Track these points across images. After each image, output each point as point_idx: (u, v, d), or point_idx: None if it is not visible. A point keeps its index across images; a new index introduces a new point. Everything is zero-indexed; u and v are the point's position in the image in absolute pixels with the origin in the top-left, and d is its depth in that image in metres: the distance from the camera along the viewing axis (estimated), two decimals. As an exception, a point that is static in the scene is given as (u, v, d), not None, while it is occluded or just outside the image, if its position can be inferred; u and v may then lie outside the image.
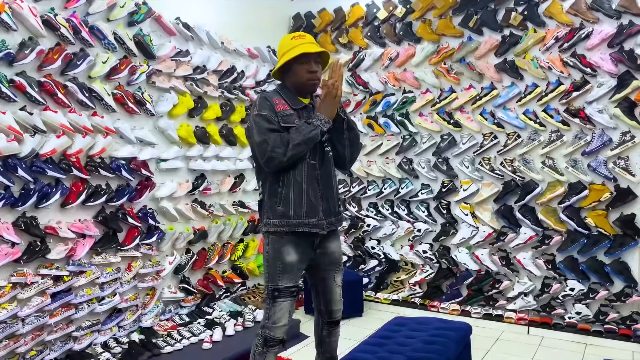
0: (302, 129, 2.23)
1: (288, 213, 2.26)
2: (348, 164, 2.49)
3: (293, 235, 2.26)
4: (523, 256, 4.17)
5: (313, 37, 5.11)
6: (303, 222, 2.26)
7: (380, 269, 4.83)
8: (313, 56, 2.30)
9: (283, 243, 2.26)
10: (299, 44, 2.28)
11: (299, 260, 2.29)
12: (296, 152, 2.20)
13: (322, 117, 2.25)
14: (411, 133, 4.65)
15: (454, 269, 4.51)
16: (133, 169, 3.61)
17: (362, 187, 4.89)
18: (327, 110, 2.27)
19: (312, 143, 2.24)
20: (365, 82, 4.83)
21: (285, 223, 2.26)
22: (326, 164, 2.37)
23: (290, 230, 2.25)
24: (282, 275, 2.24)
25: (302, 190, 2.27)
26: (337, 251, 2.42)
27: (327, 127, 2.26)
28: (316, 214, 2.28)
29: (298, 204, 2.26)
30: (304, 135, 2.21)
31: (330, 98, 2.26)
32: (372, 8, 4.81)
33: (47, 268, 3.11)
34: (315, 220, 2.28)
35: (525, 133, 4.20)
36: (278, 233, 2.27)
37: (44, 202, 3.07)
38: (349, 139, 2.40)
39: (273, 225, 2.27)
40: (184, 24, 4.01)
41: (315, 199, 2.29)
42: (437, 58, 4.50)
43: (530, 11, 4.14)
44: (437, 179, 4.58)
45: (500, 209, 4.28)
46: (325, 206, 2.33)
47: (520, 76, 4.21)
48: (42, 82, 3.07)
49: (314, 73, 2.30)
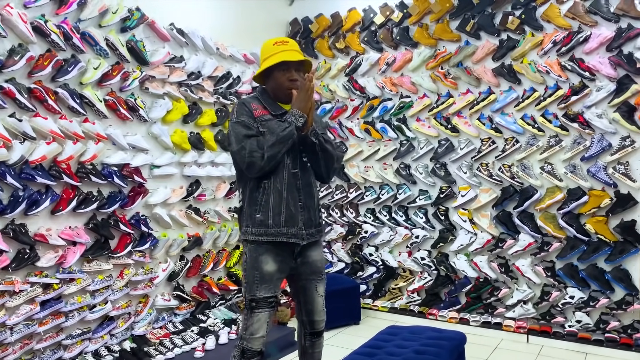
0: (274, 128, 2.18)
1: (267, 222, 2.21)
2: (326, 179, 2.44)
3: (272, 244, 2.22)
4: (522, 263, 4.10)
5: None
6: (281, 231, 2.22)
7: (378, 276, 4.77)
8: (294, 64, 2.26)
9: (261, 252, 2.22)
10: (280, 50, 2.25)
11: (278, 270, 2.24)
12: (273, 152, 2.15)
13: (295, 112, 2.19)
14: (408, 138, 4.61)
15: (452, 276, 4.45)
16: (125, 176, 3.58)
17: (360, 193, 4.84)
18: (301, 104, 2.20)
19: (287, 141, 2.17)
20: (362, 87, 4.79)
21: (263, 232, 2.21)
22: (307, 173, 2.33)
23: (268, 239, 2.21)
24: (259, 285, 2.19)
25: (282, 198, 2.22)
26: (318, 260, 2.37)
27: (302, 121, 2.19)
28: (295, 223, 2.24)
29: (277, 212, 2.22)
30: (277, 134, 2.16)
31: (303, 92, 2.20)
32: (369, 13, 4.78)
33: (36, 276, 3.08)
34: (294, 230, 2.23)
35: (523, 138, 4.14)
36: (256, 242, 2.22)
37: (33, 209, 3.05)
38: (323, 159, 2.33)
39: (251, 234, 2.23)
40: (178, 29, 4.00)
41: (295, 208, 2.24)
42: (434, 63, 4.46)
43: (528, 15, 4.10)
44: (435, 184, 4.53)
45: (499, 215, 4.22)
46: (306, 216, 2.28)
47: (518, 80, 4.16)
48: (32, 89, 3.05)
49: (293, 81, 2.27)
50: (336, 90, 4.91)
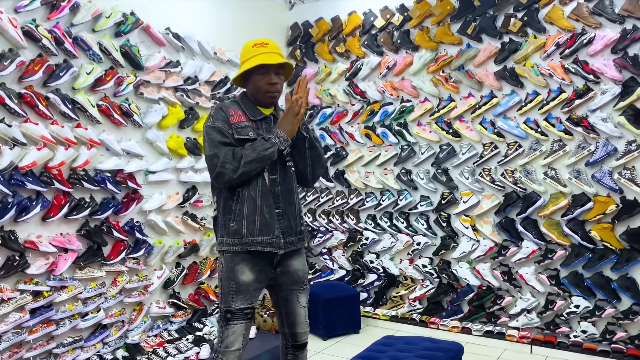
0: (257, 145, 2.10)
1: (241, 231, 2.13)
2: (310, 182, 2.35)
3: (248, 254, 2.14)
4: (525, 271, 3.99)
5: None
6: (256, 240, 2.14)
7: (379, 283, 4.68)
8: (273, 67, 2.18)
9: (237, 261, 2.14)
10: (259, 53, 2.17)
11: (255, 280, 2.16)
12: (248, 169, 2.07)
13: (280, 135, 2.13)
14: (409, 143, 4.53)
15: (454, 284, 4.35)
16: (119, 182, 3.54)
17: (360, 199, 4.76)
18: (287, 128, 2.14)
19: (266, 161, 2.11)
20: (362, 91, 4.72)
21: (238, 241, 2.13)
22: (288, 179, 2.25)
23: (243, 249, 2.13)
24: (235, 295, 2.11)
25: (257, 206, 2.14)
26: (300, 269, 2.28)
27: (285, 145, 2.14)
28: (271, 231, 2.15)
29: (252, 221, 2.14)
30: (258, 152, 2.08)
31: (292, 115, 2.13)
32: (369, 16, 4.71)
33: (26, 283, 3.04)
34: (270, 238, 2.15)
35: (526, 143, 4.04)
36: (232, 252, 2.14)
37: (23, 216, 3.02)
38: (310, 157, 2.26)
39: (226, 244, 2.15)
40: (174, 34, 3.96)
41: (270, 215, 2.15)
42: (435, 66, 4.38)
43: (530, 17, 4.01)
44: (437, 190, 4.44)
45: (502, 222, 4.11)
46: (285, 224, 2.20)
47: (520, 84, 4.06)
48: (23, 94, 3.02)
49: (273, 85, 2.19)
50: (336, 95, 4.85)
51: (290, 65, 2.27)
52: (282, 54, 2.25)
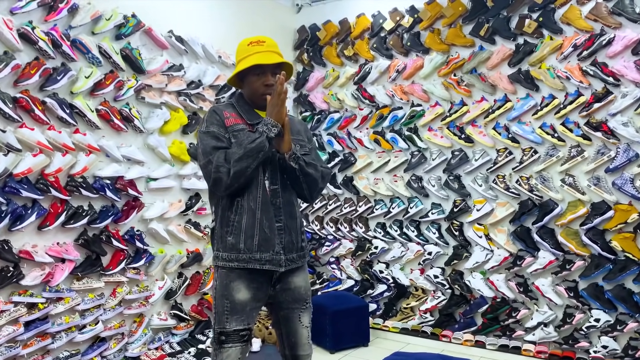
0: (242, 140, 1.92)
1: (238, 245, 1.97)
2: (309, 200, 2.17)
3: (245, 270, 1.98)
4: (542, 282, 3.82)
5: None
6: (254, 257, 1.96)
7: (388, 294, 4.52)
8: (270, 67, 2.01)
9: (232, 278, 1.97)
10: (255, 52, 2.02)
11: (252, 298, 1.99)
12: (240, 167, 1.89)
13: (268, 121, 1.94)
14: (420, 149, 4.37)
15: (467, 296, 4.17)
16: (119, 189, 3.43)
17: (369, 207, 4.61)
18: (273, 112, 1.95)
19: (257, 154, 1.91)
20: (371, 95, 4.58)
21: (234, 257, 1.97)
22: (289, 190, 2.08)
23: (240, 265, 1.97)
24: (230, 316, 1.94)
25: (256, 219, 1.97)
26: (302, 286, 2.10)
27: (275, 131, 1.94)
28: (270, 247, 1.98)
29: (250, 235, 1.97)
30: (245, 146, 1.90)
31: (275, 96, 1.94)
32: (378, 19, 4.58)
33: (20, 295, 2.94)
34: (269, 255, 1.98)
35: (542, 148, 3.87)
36: (227, 267, 1.99)
37: (17, 225, 2.91)
38: (305, 182, 2.06)
39: (222, 259, 1.99)
40: (177, 37, 3.85)
41: (270, 230, 1.98)
42: (446, 69, 4.23)
43: (546, 17, 3.85)
44: (449, 197, 4.28)
45: (517, 231, 3.94)
46: (286, 239, 2.02)
47: (536, 87, 3.90)
48: (18, 98, 2.92)
49: (270, 86, 2.00)
50: (344, 99, 4.71)
51: (290, 65, 2.12)
52: (280, 53, 2.09)
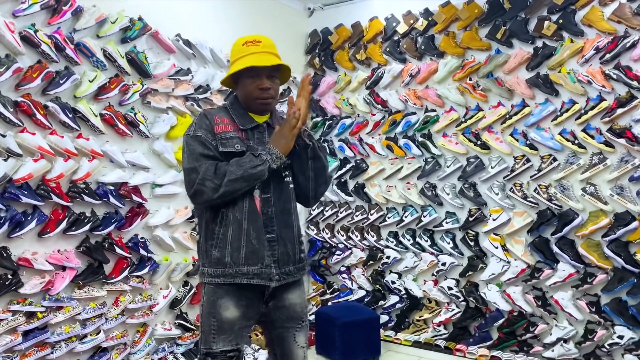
0: (244, 162, 1.81)
1: (224, 259, 1.84)
2: (312, 200, 2.04)
3: (233, 286, 1.86)
4: (562, 296, 3.64)
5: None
6: (241, 271, 1.84)
7: (401, 306, 4.38)
8: (265, 70, 1.89)
9: (220, 295, 1.85)
10: (249, 53, 1.90)
11: (242, 317, 1.86)
12: (231, 189, 1.79)
13: (273, 152, 1.84)
14: (434, 155, 4.23)
15: (482, 309, 4.01)
16: (123, 195, 3.35)
17: (381, 215, 4.48)
18: (281, 144, 1.85)
19: (254, 181, 1.82)
20: (384, 100, 4.45)
21: (220, 272, 1.85)
22: (284, 198, 1.94)
23: (226, 281, 1.84)
24: (217, 335, 1.82)
25: (242, 230, 1.85)
26: (298, 303, 1.97)
27: (278, 163, 1.85)
28: (259, 260, 1.85)
29: (236, 247, 1.84)
30: (245, 170, 1.79)
31: (288, 128, 1.85)
32: (392, 22, 4.46)
33: (19, 303, 2.85)
34: (257, 268, 1.85)
35: (562, 156, 3.71)
36: (214, 284, 1.86)
37: (17, 231, 2.84)
38: (313, 169, 1.96)
39: (207, 275, 1.87)
40: (185, 40, 3.78)
41: (258, 241, 1.86)
42: (461, 73, 4.10)
43: (566, 19, 3.69)
44: (464, 206, 4.12)
45: (535, 242, 3.77)
46: (280, 251, 1.89)
47: (555, 92, 3.74)
48: (19, 102, 2.86)
49: (264, 90, 1.89)
50: (356, 105, 4.60)
51: (287, 67, 1.99)
52: (277, 54, 1.96)
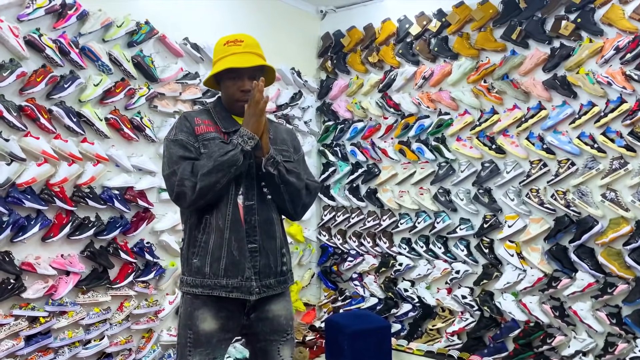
0: (213, 151, 1.73)
1: (203, 269, 1.77)
2: (294, 216, 1.95)
3: (212, 297, 1.77)
4: (580, 307, 3.48)
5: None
6: (219, 283, 1.75)
7: (414, 314, 4.26)
8: (247, 71, 1.80)
9: (197, 305, 1.77)
10: (230, 53, 1.82)
11: (221, 329, 1.78)
12: (207, 182, 1.69)
13: (244, 132, 1.74)
14: (448, 160, 4.12)
15: (497, 319, 3.87)
16: (128, 200, 3.33)
17: (394, 221, 4.38)
18: (250, 122, 1.74)
19: (229, 168, 1.71)
20: (396, 103, 4.36)
21: (199, 282, 1.77)
22: (267, 207, 1.86)
23: (204, 292, 1.76)
24: (193, 349, 1.74)
25: (224, 239, 1.76)
26: (283, 315, 1.88)
27: (251, 143, 1.74)
28: (239, 272, 1.76)
29: (217, 257, 1.76)
30: (215, 159, 1.70)
31: (253, 104, 1.73)
32: (404, 23, 4.37)
33: (21, 308, 2.85)
34: (237, 281, 1.76)
35: (580, 160, 3.56)
36: (192, 294, 1.79)
37: (20, 236, 2.83)
38: (287, 193, 1.86)
39: (186, 284, 1.80)
40: (193, 44, 3.75)
41: (240, 252, 1.76)
42: (476, 75, 3.98)
43: (585, 18, 3.55)
44: (478, 212, 4.00)
45: (552, 250, 3.62)
46: (262, 262, 1.80)
47: (573, 94, 3.60)
48: (23, 107, 2.86)
49: (246, 92, 1.79)
50: (369, 108, 4.51)
51: (272, 68, 1.90)
52: (261, 54, 1.87)
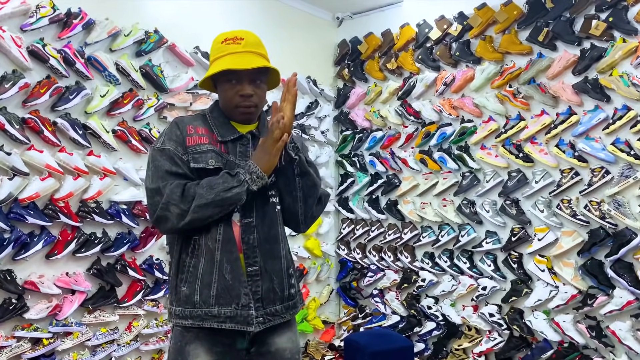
0: (216, 183, 1.52)
1: (193, 298, 1.55)
2: (302, 224, 1.73)
3: (204, 329, 1.56)
4: (619, 327, 3.22)
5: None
6: (211, 312, 1.53)
7: (438, 333, 4.03)
8: (247, 74, 1.59)
9: (188, 339, 1.57)
10: (228, 52, 1.60)
11: None
12: (200, 215, 1.50)
13: (254, 169, 1.54)
14: (472, 170, 3.91)
15: (528, 338, 3.62)
16: (137, 214, 3.21)
17: (416, 234, 4.17)
18: (263, 160, 1.55)
19: (229, 206, 1.53)
20: (416, 111, 4.17)
21: (188, 313, 1.56)
22: (270, 222, 1.65)
23: (194, 324, 1.56)
24: None
25: (214, 262, 1.55)
26: (288, 348, 1.65)
27: (259, 184, 1.56)
28: (233, 299, 1.54)
29: (207, 283, 1.54)
30: (217, 193, 1.50)
31: (271, 141, 1.54)
32: (424, 28, 4.19)
33: (24, 329, 2.74)
34: (231, 309, 1.54)
35: (615, 168, 3.32)
36: (181, 326, 1.59)
37: (22, 254, 2.72)
38: (302, 188, 1.66)
39: (174, 315, 1.60)
40: (204, 53, 3.64)
41: (233, 276, 1.55)
42: (500, 80, 3.77)
43: (617, 17, 3.33)
44: (506, 225, 3.77)
45: (586, 265, 3.38)
46: (264, 287, 1.59)
47: (606, 97, 3.37)
48: (26, 119, 2.76)
49: (246, 97, 1.60)
50: (387, 116, 4.33)
51: (276, 71, 1.66)
52: (263, 53, 1.67)
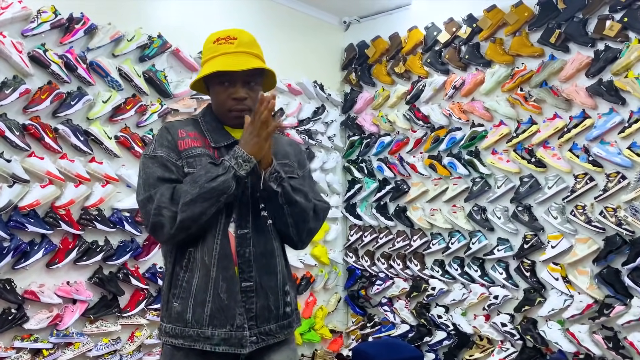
0: (199, 175, 1.43)
1: (185, 315, 1.47)
2: (298, 243, 1.65)
3: (195, 349, 1.49)
4: (638, 337, 3.10)
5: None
6: (204, 334, 1.46)
7: (448, 343, 3.93)
8: (241, 75, 1.52)
9: (178, 358, 1.51)
10: (220, 53, 1.54)
11: None
12: (190, 214, 1.41)
13: (239, 153, 1.45)
14: (483, 175, 3.81)
15: (542, 349, 3.51)
16: (139, 222, 3.15)
17: (425, 241, 4.08)
18: (250, 143, 1.45)
19: (218, 197, 1.43)
20: (425, 116, 4.09)
21: (179, 332, 1.49)
22: (265, 236, 1.57)
23: (185, 344, 1.49)
24: None
25: (210, 278, 1.47)
26: None
27: (247, 168, 1.46)
28: (228, 320, 1.47)
29: (200, 301, 1.47)
30: (201, 185, 1.40)
31: (256, 122, 1.44)
32: (432, 31, 4.12)
33: (23, 340, 2.68)
34: (225, 331, 1.47)
35: (632, 173, 3.21)
36: (171, 345, 1.52)
37: (21, 263, 2.67)
38: (291, 216, 1.57)
39: (165, 333, 1.53)
40: (209, 58, 3.58)
41: (229, 295, 1.47)
42: (511, 83, 3.68)
43: (632, 17, 3.23)
44: (518, 232, 3.67)
45: (602, 273, 3.26)
46: (259, 304, 1.51)
47: (621, 100, 3.26)
48: (27, 125, 2.72)
49: (239, 101, 1.53)
50: (396, 121, 4.25)
51: (272, 72, 1.60)
52: (258, 53, 1.60)
